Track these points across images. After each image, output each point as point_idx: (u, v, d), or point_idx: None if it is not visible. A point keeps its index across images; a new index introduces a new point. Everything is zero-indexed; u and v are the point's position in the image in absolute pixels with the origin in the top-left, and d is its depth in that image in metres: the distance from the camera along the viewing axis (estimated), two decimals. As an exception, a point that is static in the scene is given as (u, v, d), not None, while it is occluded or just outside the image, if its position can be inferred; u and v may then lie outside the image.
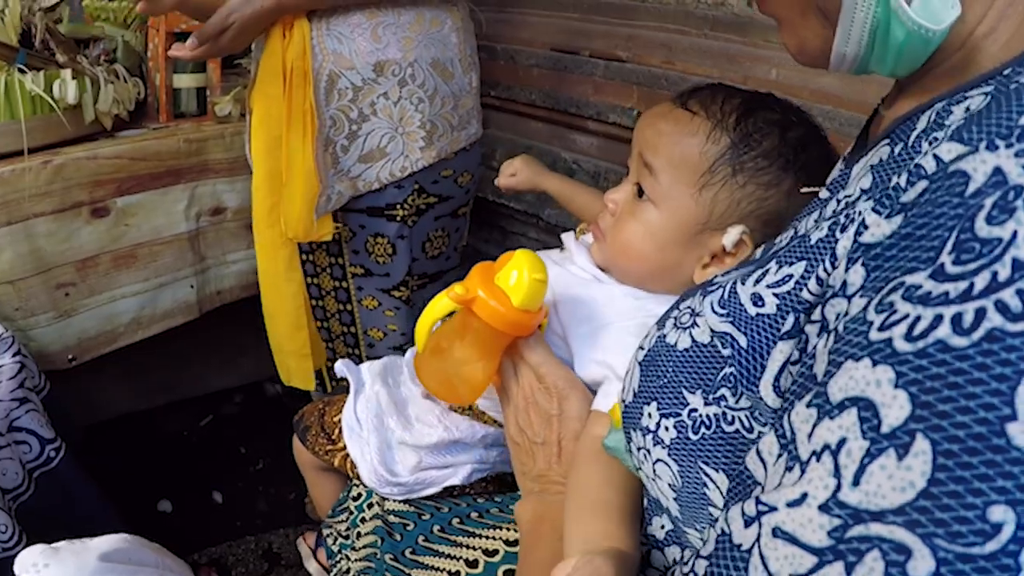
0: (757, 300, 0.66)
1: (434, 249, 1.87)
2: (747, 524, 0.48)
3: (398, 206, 1.74)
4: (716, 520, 0.61)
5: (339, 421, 1.43)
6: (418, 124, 1.69)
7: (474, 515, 1.21)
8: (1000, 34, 0.62)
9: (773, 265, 0.68)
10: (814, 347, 0.53)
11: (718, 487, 0.64)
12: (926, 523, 0.40)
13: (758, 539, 0.46)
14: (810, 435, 0.46)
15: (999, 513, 0.38)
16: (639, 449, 0.75)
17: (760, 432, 0.62)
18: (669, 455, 0.69)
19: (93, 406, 2.25)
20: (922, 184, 0.50)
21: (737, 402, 0.64)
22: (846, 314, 0.50)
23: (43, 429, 1.54)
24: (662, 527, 0.76)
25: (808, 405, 0.47)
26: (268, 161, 1.65)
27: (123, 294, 1.97)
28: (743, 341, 0.65)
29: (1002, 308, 0.40)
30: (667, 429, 0.70)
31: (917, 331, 0.43)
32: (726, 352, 0.66)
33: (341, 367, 1.47)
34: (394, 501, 1.30)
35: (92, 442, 1.96)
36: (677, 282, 1.02)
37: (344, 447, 1.40)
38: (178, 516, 2.33)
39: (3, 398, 1.49)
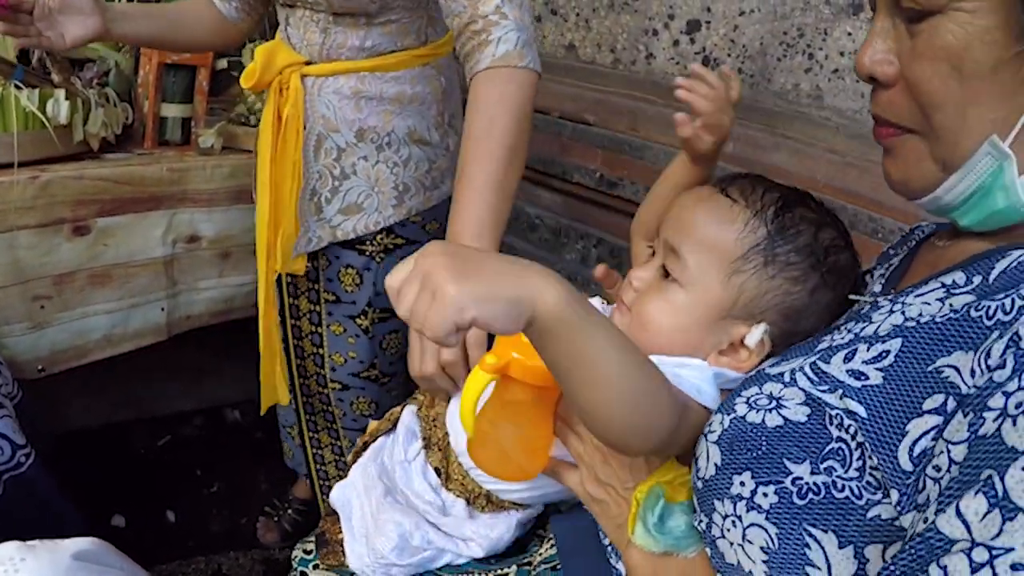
0: (859, 375, 0.74)
1: None
2: (975, 570, 0.56)
3: (367, 242, 1.87)
4: None
5: None
6: (392, 185, 1.83)
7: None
8: None
9: (859, 349, 0.77)
10: (994, 429, 0.61)
11: (822, 546, 0.71)
12: None
13: None
14: None
15: None
16: (725, 517, 0.79)
17: (869, 499, 0.69)
18: (767, 519, 0.75)
19: (56, 417, 2.30)
20: None
21: (846, 472, 0.71)
22: None
23: (15, 435, 1.60)
24: None
25: (1021, 469, 0.57)
26: (264, 199, 1.82)
27: (96, 311, 2.04)
28: (863, 411, 0.71)
29: None
30: (766, 495, 0.75)
31: None
32: (836, 431, 0.73)
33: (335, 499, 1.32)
34: None
35: (54, 451, 2.01)
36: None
37: None
38: (131, 531, 2.37)
39: (-22, 403, 1.55)
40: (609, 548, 0.99)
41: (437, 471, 1.16)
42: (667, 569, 0.87)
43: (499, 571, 1.09)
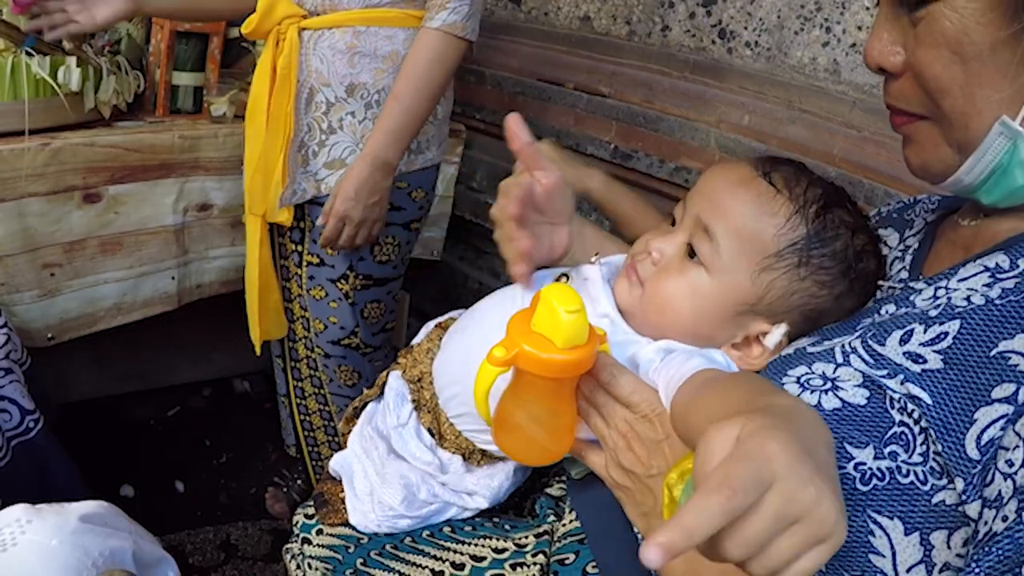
0: (917, 358, 0.73)
1: (382, 254, 1.99)
2: None
3: None
4: (875, 566, 0.70)
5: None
6: None
7: (468, 528, 1.12)
8: None
9: (916, 330, 0.76)
10: None
11: (886, 533, 0.70)
12: None
13: None
14: None
15: None
16: None
17: (934, 484, 0.68)
18: None
19: (65, 387, 2.31)
20: None
21: (910, 457, 0.71)
22: None
23: (24, 400, 1.60)
24: None
25: None
26: (255, 149, 1.89)
27: (106, 279, 2.03)
28: (927, 398, 0.70)
29: None
30: None
31: None
32: (899, 415, 0.72)
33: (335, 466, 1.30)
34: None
35: (60, 421, 2.01)
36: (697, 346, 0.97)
37: None
38: (139, 502, 2.38)
39: (-11, 366, 1.55)
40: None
41: (430, 431, 1.13)
42: (700, 559, 0.80)
43: (516, 539, 1.05)
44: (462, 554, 1.05)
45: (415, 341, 1.26)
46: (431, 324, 1.26)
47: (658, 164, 2.20)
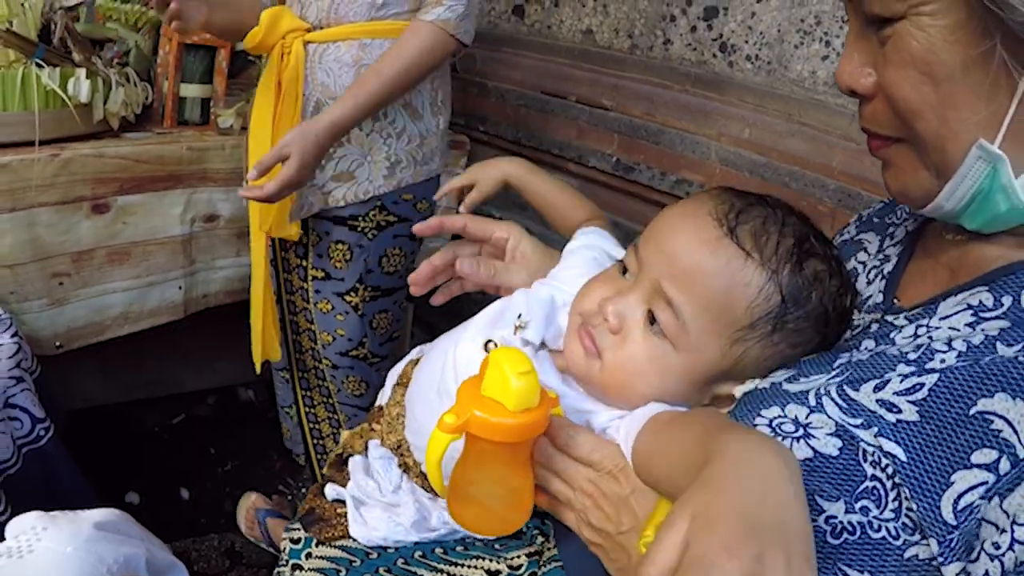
0: (891, 407, 0.71)
1: (390, 265, 2.03)
2: None
3: (360, 218, 1.94)
4: None
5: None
6: (384, 156, 1.90)
7: (459, 548, 1.09)
8: None
9: (891, 379, 0.73)
10: None
11: None
12: None
13: None
14: None
15: None
16: None
17: (907, 540, 0.67)
18: None
19: (71, 394, 2.33)
20: None
21: (882, 512, 0.69)
22: None
23: (35, 408, 1.63)
24: None
25: None
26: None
27: (114, 288, 2.06)
28: (901, 454, 0.68)
29: None
30: None
31: None
32: (871, 469, 0.70)
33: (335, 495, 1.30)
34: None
35: (67, 428, 2.04)
36: None
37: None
38: (145, 509, 2.40)
39: (2, 375, 1.58)
40: None
41: (424, 488, 1.09)
42: None
43: (509, 559, 1.04)
44: (474, 570, 1.03)
45: (382, 399, 1.23)
46: (393, 377, 1.23)
47: (660, 177, 2.23)
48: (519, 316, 1.00)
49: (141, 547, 1.08)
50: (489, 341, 1.01)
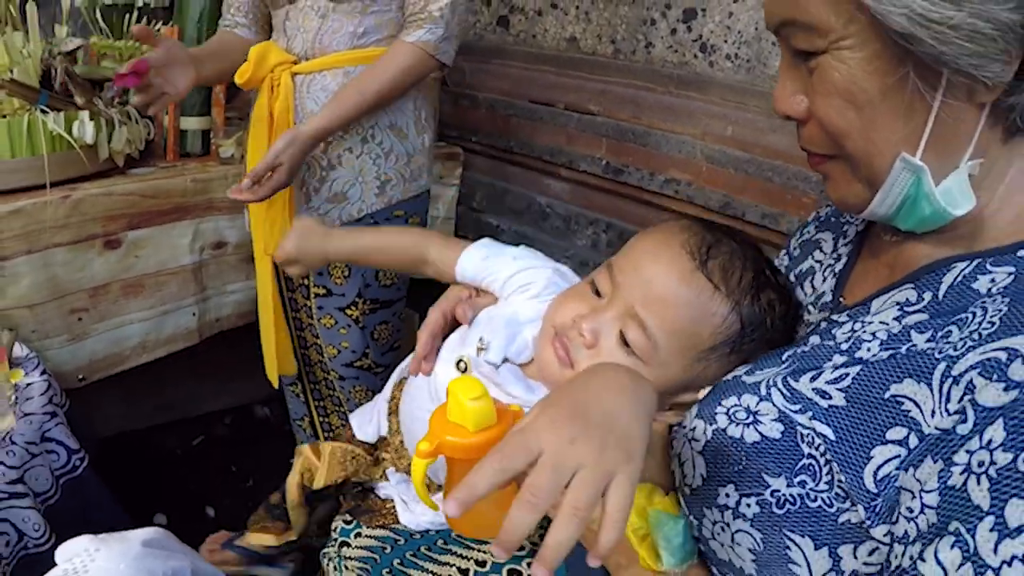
0: (824, 395, 0.80)
1: (386, 279, 2.11)
2: None
3: None
4: (795, 573, 0.80)
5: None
6: (374, 175, 1.99)
7: (440, 543, 1.22)
8: (1001, 217, 0.81)
9: (825, 370, 0.83)
10: (961, 483, 0.67)
11: (800, 548, 0.79)
12: None
13: None
14: (995, 549, 0.63)
15: None
16: (715, 523, 0.87)
17: (839, 508, 0.76)
18: (752, 526, 0.82)
19: (94, 424, 2.40)
20: None
21: (817, 485, 0.78)
22: (993, 463, 0.65)
23: (69, 440, 1.71)
24: None
25: (989, 531, 0.64)
26: None
27: (131, 320, 2.14)
28: (831, 434, 0.78)
29: None
30: (749, 506, 0.82)
31: None
32: (807, 448, 0.79)
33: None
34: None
35: (96, 456, 2.11)
36: None
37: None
38: (173, 529, 2.42)
39: (36, 412, 1.66)
40: None
41: None
42: None
43: (531, 536, 1.14)
44: (485, 552, 1.14)
45: (381, 429, 1.35)
46: (385, 405, 1.34)
47: (648, 177, 2.30)
48: (480, 339, 1.11)
49: (187, 560, 1.16)
50: (460, 360, 1.12)
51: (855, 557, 0.77)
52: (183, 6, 2.30)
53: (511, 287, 1.19)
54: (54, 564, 1.09)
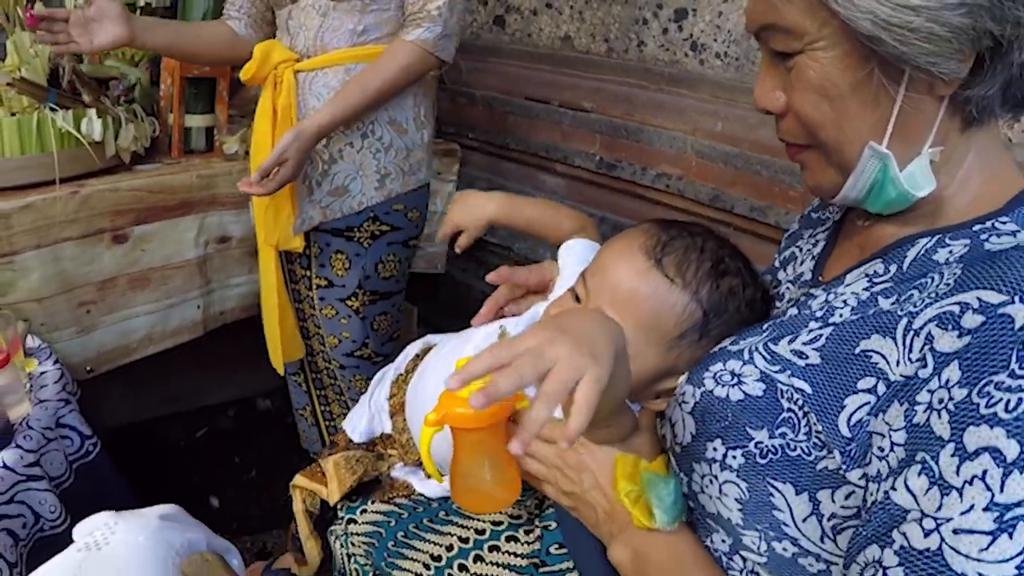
0: (801, 355, 0.88)
1: (386, 271, 2.18)
2: (927, 534, 0.73)
3: (356, 229, 2.10)
4: (778, 519, 0.88)
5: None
6: (374, 169, 2.05)
7: (441, 514, 1.29)
8: (960, 198, 0.89)
9: (802, 334, 0.91)
10: (925, 419, 0.76)
11: (783, 494, 0.86)
12: None
13: (943, 540, 0.70)
14: (957, 472, 0.71)
15: None
16: (703, 477, 0.95)
17: (817, 456, 0.84)
18: (738, 476, 0.90)
19: (101, 415, 2.45)
20: (978, 318, 0.75)
21: (796, 436, 0.86)
22: (951, 399, 0.73)
23: (83, 426, 1.76)
24: (723, 541, 0.97)
25: (951, 456, 0.72)
26: None
27: (137, 312, 2.20)
28: (808, 388, 0.86)
29: None
30: (735, 458, 0.90)
31: (1011, 406, 0.69)
32: (786, 403, 0.87)
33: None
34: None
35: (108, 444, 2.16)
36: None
37: None
38: (178, 518, 2.52)
39: (51, 399, 1.71)
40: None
41: None
42: (656, 547, 0.97)
43: (528, 506, 1.22)
44: (484, 521, 1.20)
45: (384, 426, 1.45)
46: (384, 404, 1.45)
47: (641, 172, 2.36)
48: (500, 327, 1.26)
49: (202, 532, 1.22)
50: (501, 327, 1.29)
51: (833, 501, 0.84)
52: (186, 6, 2.35)
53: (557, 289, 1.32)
54: (71, 543, 1.15)
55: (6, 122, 1.90)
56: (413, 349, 1.49)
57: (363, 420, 1.48)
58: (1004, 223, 0.85)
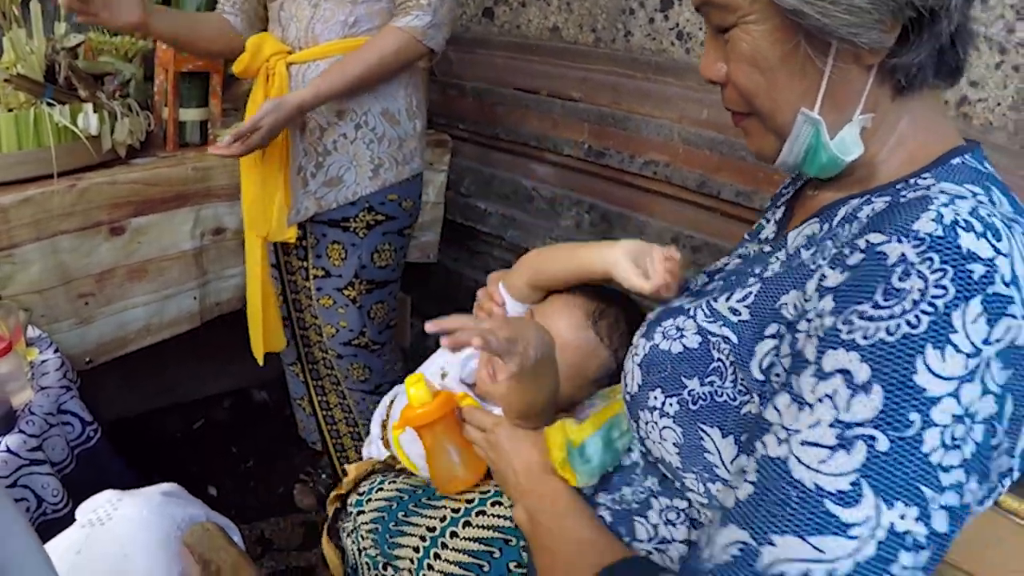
0: (735, 312, 0.96)
1: (382, 260, 2.22)
2: (779, 443, 0.80)
3: (351, 219, 2.14)
4: (709, 461, 0.96)
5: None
6: (368, 159, 2.09)
7: (437, 492, 1.44)
8: (891, 162, 0.95)
9: (737, 291, 0.99)
10: (801, 345, 0.84)
11: (711, 438, 0.94)
12: (886, 423, 0.74)
13: (791, 450, 0.78)
14: (813, 391, 0.79)
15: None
16: (647, 423, 1.04)
17: (741, 401, 0.92)
18: (674, 422, 0.98)
19: (98, 407, 2.48)
20: (859, 256, 0.81)
21: (724, 383, 0.94)
22: (822, 326, 0.81)
23: (84, 413, 1.80)
24: (672, 483, 1.07)
25: (810, 376, 0.79)
26: (252, 177, 2.10)
27: (135, 304, 2.23)
28: (735, 339, 0.94)
29: (909, 323, 0.75)
30: (671, 405, 0.98)
31: (868, 334, 0.77)
32: (716, 353, 0.96)
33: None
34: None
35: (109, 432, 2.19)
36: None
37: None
38: (177, 506, 2.56)
39: (52, 385, 1.75)
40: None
41: None
42: (541, 507, 1.13)
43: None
44: (473, 492, 1.34)
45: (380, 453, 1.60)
46: (378, 431, 1.59)
47: (629, 160, 2.40)
48: (441, 368, 1.49)
49: (202, 508, 1.26)
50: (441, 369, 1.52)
51: None
52: (180, 3, 2.39)
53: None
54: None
55: (4, 118, 1.93)
56: (388, 399, 1.62)
57: (370, 444, 1.64)
58: (925, 179, 0.90)
